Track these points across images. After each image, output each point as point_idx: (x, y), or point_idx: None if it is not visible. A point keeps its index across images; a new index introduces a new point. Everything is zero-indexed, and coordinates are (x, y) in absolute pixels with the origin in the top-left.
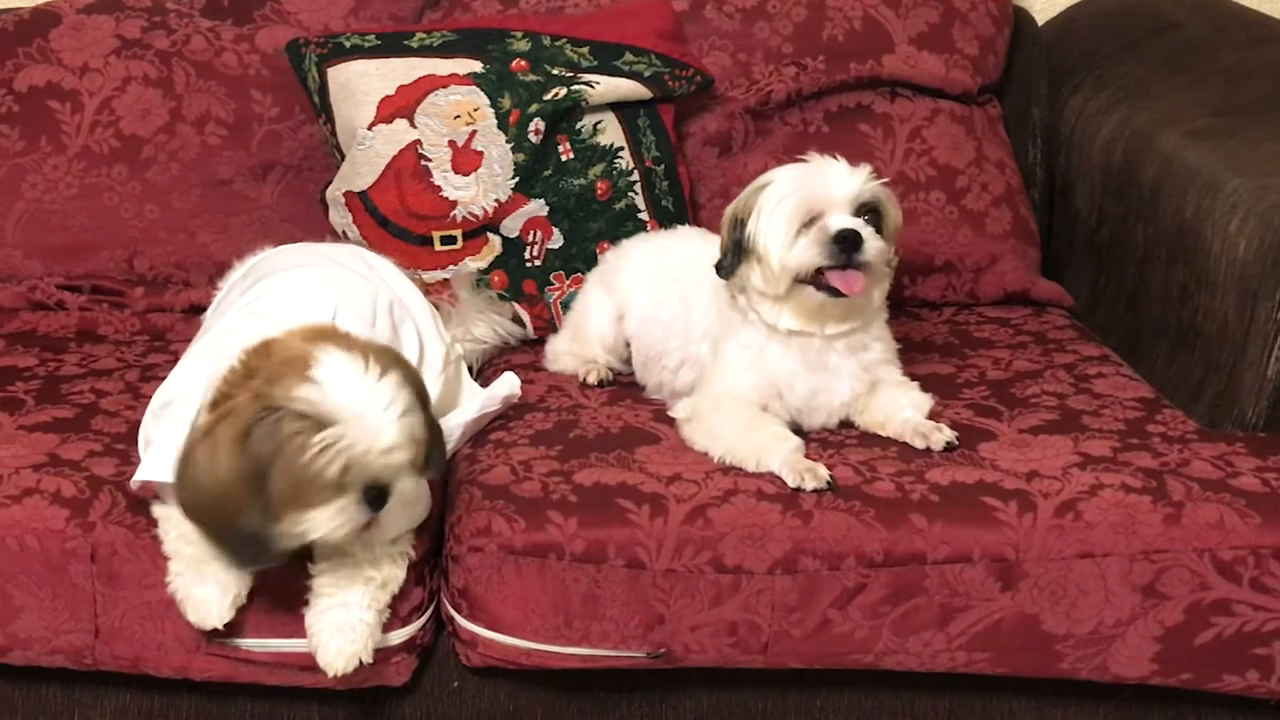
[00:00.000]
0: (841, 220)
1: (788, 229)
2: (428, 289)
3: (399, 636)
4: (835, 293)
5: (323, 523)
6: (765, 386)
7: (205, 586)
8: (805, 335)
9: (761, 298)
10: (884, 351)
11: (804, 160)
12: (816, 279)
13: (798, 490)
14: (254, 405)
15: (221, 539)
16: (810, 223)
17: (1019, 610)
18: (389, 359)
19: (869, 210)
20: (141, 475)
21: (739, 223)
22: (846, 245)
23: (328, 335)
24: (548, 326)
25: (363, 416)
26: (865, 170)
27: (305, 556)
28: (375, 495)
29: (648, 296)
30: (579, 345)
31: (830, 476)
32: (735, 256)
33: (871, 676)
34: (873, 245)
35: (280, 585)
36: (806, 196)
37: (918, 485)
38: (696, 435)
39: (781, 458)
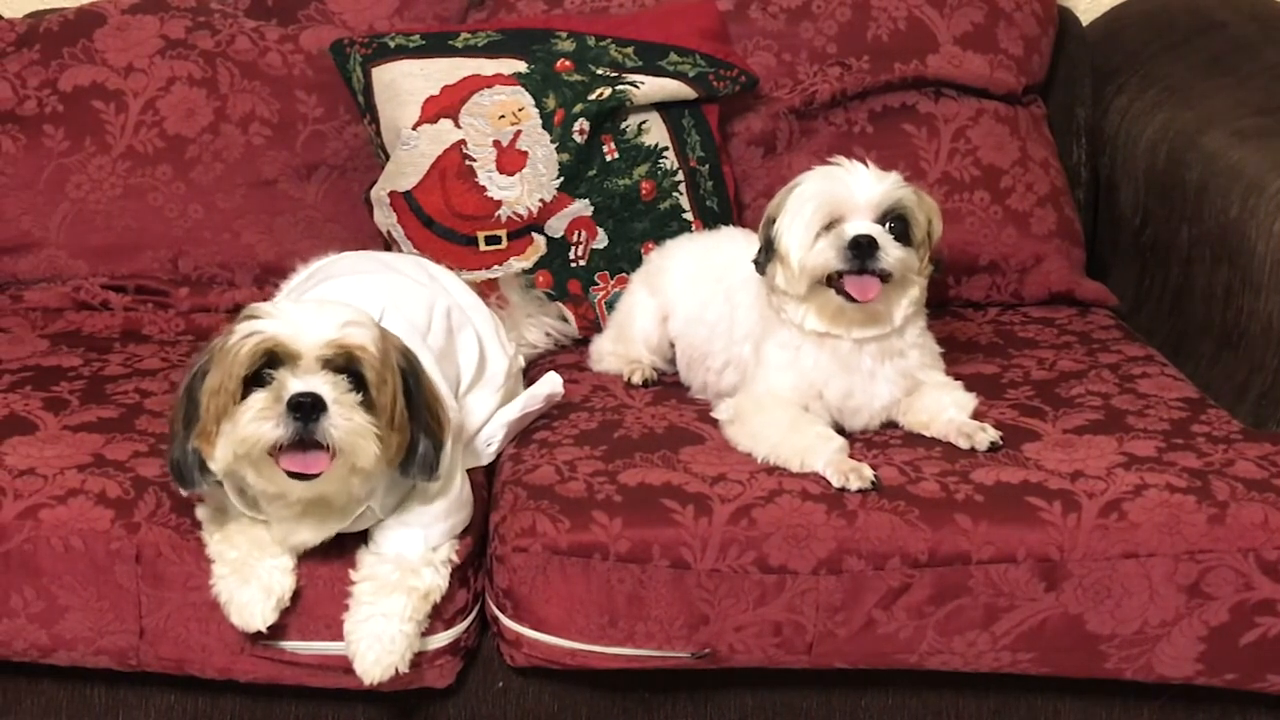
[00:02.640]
0: (859, 226)
1: (808, 231)
2: (477, 291)
3: (443, 639)
4: (851, 297)
5: (239, 425)
6: (804, 387)
7: (249, 589)
8: (833, 337)
9: (786, 297)
10: (922, 357)
11: (836, 164)
12: (835, 283)
13: (842, 490)
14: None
15: (171, 458)
16: (831, 226)
17: (1063, 610)
18: (384, 330)
19: (895, 217)
20: None
21: (770, 221)
22: (861, 251)
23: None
24: (592, 326)
25: (297, 314)
26: (892, 177)
27: (349, 562)
28: (304, 403)
29: (692, 297)
30: (623, 346)
31: (875, 476)
32: (766, 254)
33: (916, 677)
34: (892, 253)
35: (325, 588)
36: (828, 200)
37: (962, 485)
38: (740, 436)
39: (825, 458)
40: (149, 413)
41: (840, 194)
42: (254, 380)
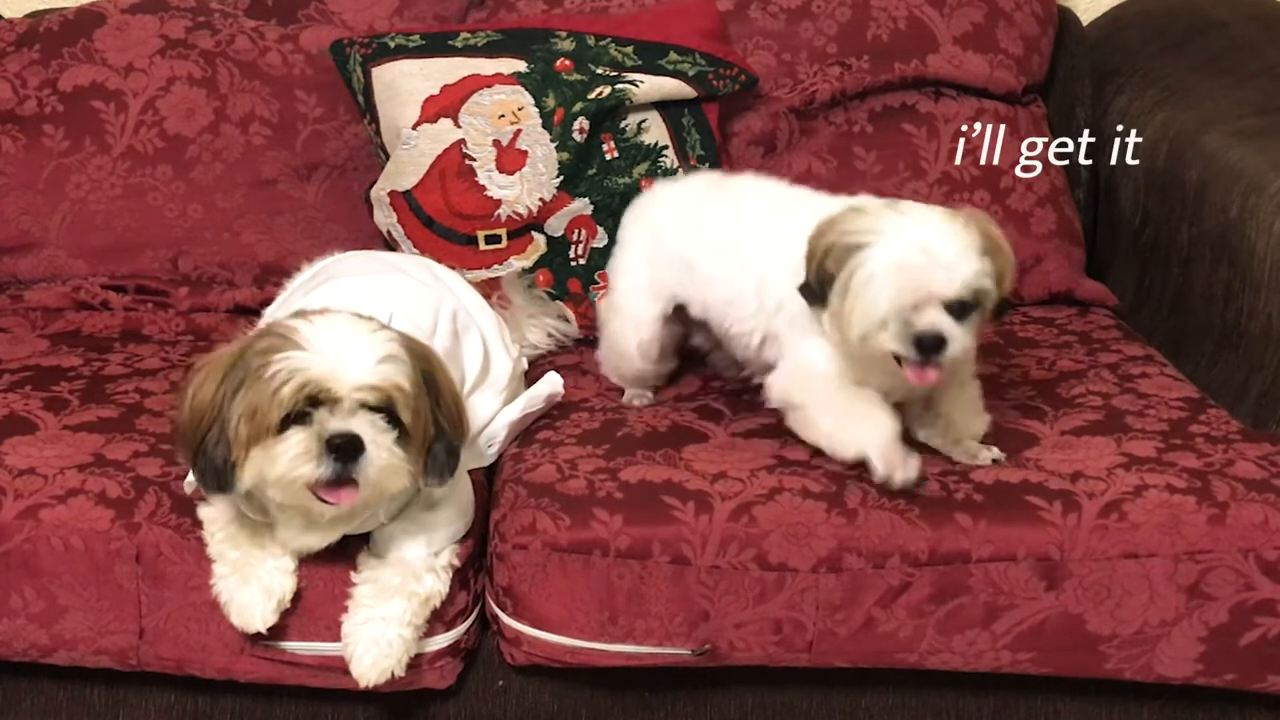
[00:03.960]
0: (931, 318)
1: (873, 310)
2: (479, 291)
3: (443, 640)
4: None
5: (277, 460)
6: (846, 372)
7: (249, 590)
8: None
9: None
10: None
11: (907, 218)
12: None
13: (884, 484)
14: (251, 337)
15: (193, 459)
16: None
17: (1063, 610)
18: (399, 333)
19: (971, 297)
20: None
21: (823, 267)
22: (928, 348)
23: (360, 314)
24: (593, 326)
25: (334, 348)
26: (973, 257)
27: (349, 563)
28: (343, 445)
29: (713, 276)
30: (621, 361)
31: (923, 472)
32: (815, 295)
33: (916, 676)
34: (958, 345)
35: (326, 589)
36: (903, 288)
37: (962, 485)
38: (797, 426)
39: (877, 446)
40: (149, 412)
41: (917, 285)
42: (293, 414)
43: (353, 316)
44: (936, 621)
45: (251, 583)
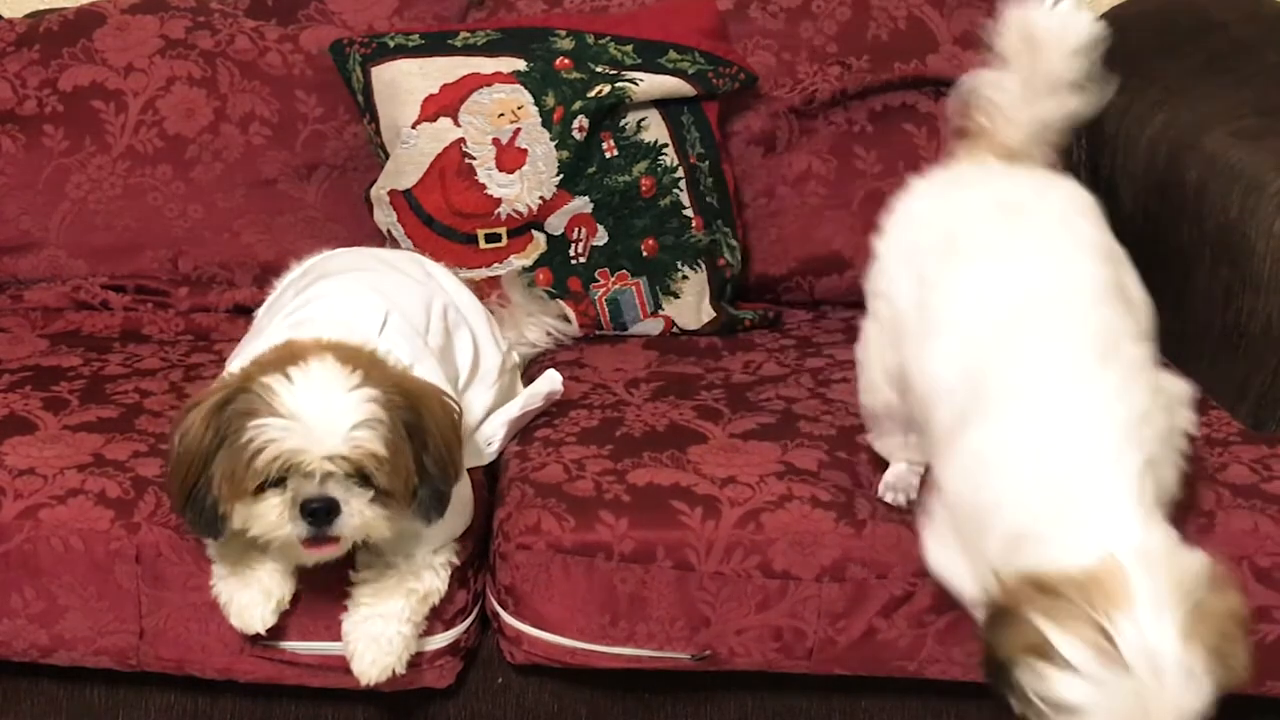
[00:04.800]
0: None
1: None
2: (478, 290)
3: (442, 640)
4: None
5: (259, 520)
6: None
7: (249, 591)
8: None
9: None
10: None
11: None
12: None
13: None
14: (237, 382)
15: (183, 504)
16: None
17: None
18: (387, 379)
19: None
20: None
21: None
22: None
23: (347, 348)
24: (593, 324)
25: (308, 415)
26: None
27: (348, 563)
28: (318, 509)
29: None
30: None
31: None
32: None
33: (916, 682)
34: None
35: (324, 589)
36: None
37: None
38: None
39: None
40: (149, 413)
41: None
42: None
43: (336, 366)
44: (936, 631)
45: (251, 584)
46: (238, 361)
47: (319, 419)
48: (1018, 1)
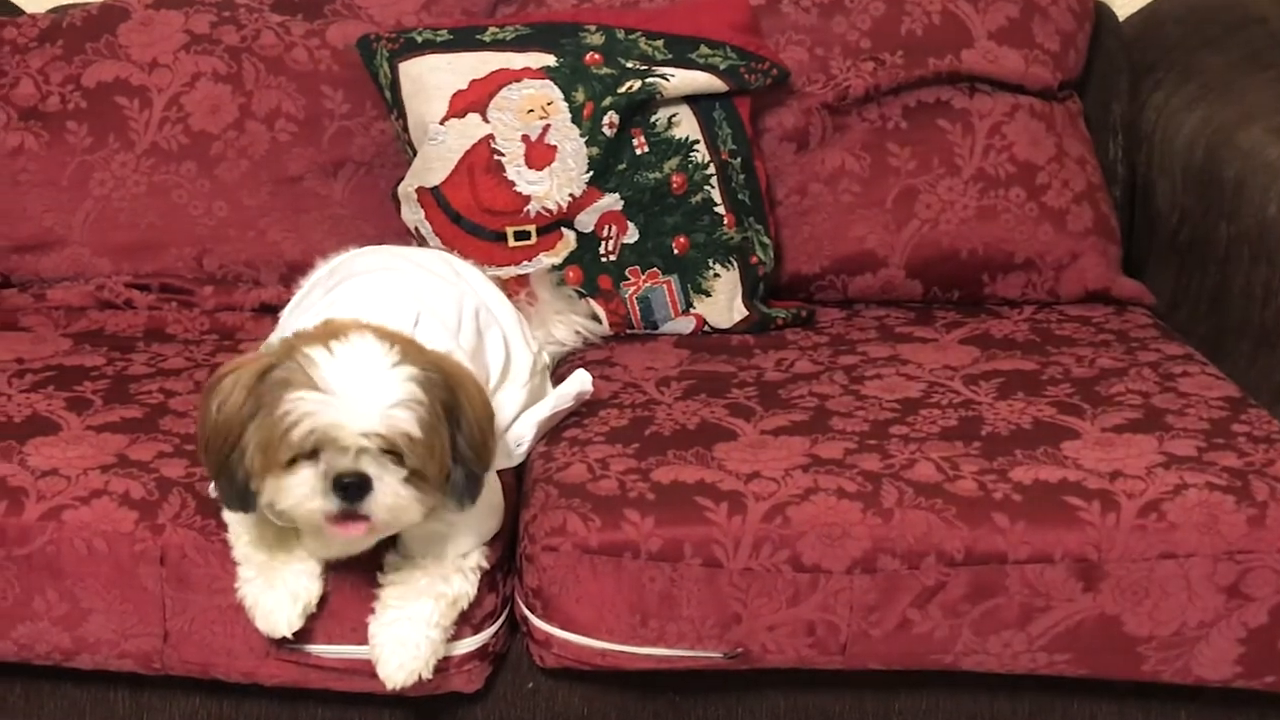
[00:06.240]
0: None
1: None
2: (507, 288)
3: (470, 644)
4: None
5: (288, 493)
6: None
7: (275, 594)
8: None
9: None
10: None
11: None
12: None
13: None
14: (279, 352)
15: (216, 476)
16: None
17: (1101, 611)
18: (425, 359)
19: None
20: None
21: None
22: None
23: (386, 329)
24: (623, 323)
25: (346, 390)
26: None
27: (376, 565)
28: (350, 484)
29: None
30: None
31: None
32: None
33: (950, 678)
34: None
35: (352, 592)
36: None
37: (1000, 484)
38: None
39: None
40: (173, 413)
41: None
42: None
43: (376, 343)
44: (972, 622)
45: (277, 586)
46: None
47: (357, 395)
48: None
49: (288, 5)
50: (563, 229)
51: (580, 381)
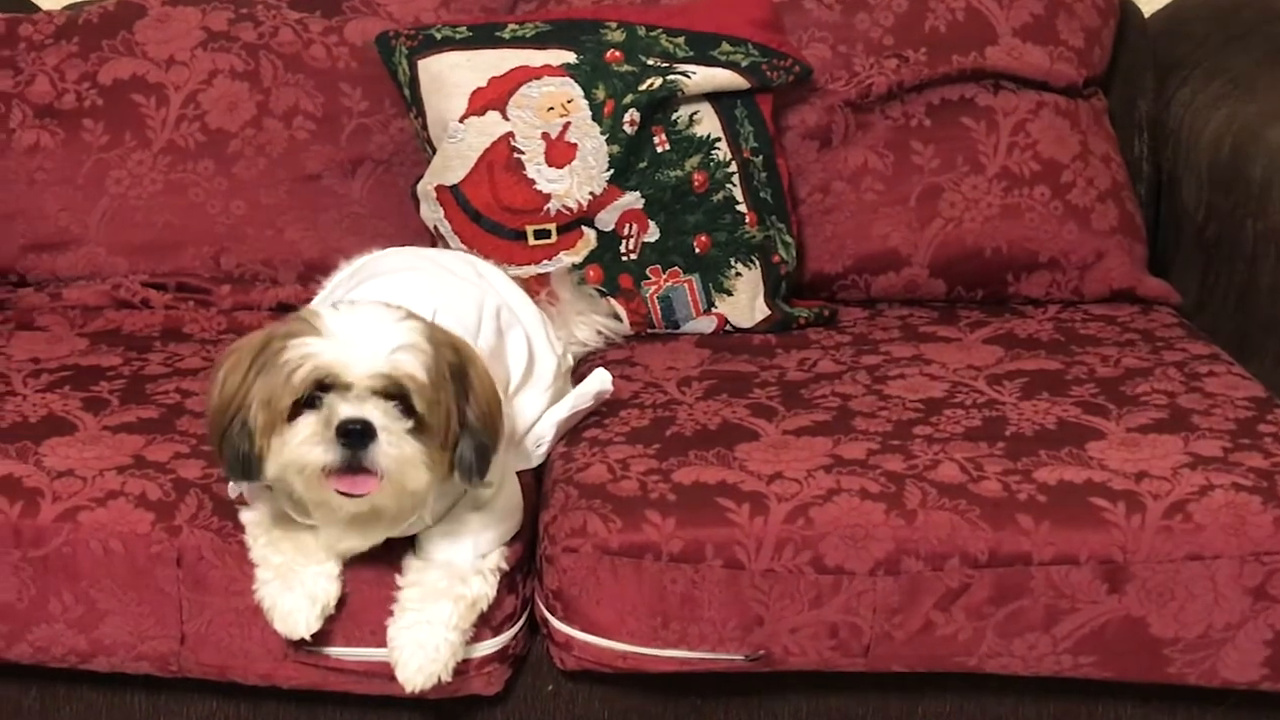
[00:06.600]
0: None
1: None
2: (527, 288)
3: (490, 646)
4: None
5: (290, 445)
6: None
7: (293, 595)
8: None
9: None
10: None
11: None
12: None
13: None
14: (283, 320)
15: (220, 445)
16: None
17: (1126, 613)
18: (434, 326)
19: None
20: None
21: None
22: None
23: (397, 306)
24: (644, 322)
25: (350, 335)
26: None
27: (395, 567)
28: (354, 430)
29: None
30: None
31: None
32: None
33: (974, 681)
34: None
35: (371, 594)
36: None
37: (1025, 485)
38: None
39: None
40: (190, 413)
41: None
42: (304, 399)
43: (384, 307)
44: (996, 624)
45: (295, 588)
46: None
47: (362, 338)
48: None
49: (306, 2)
50: (583, 227)
51: (600, 381)
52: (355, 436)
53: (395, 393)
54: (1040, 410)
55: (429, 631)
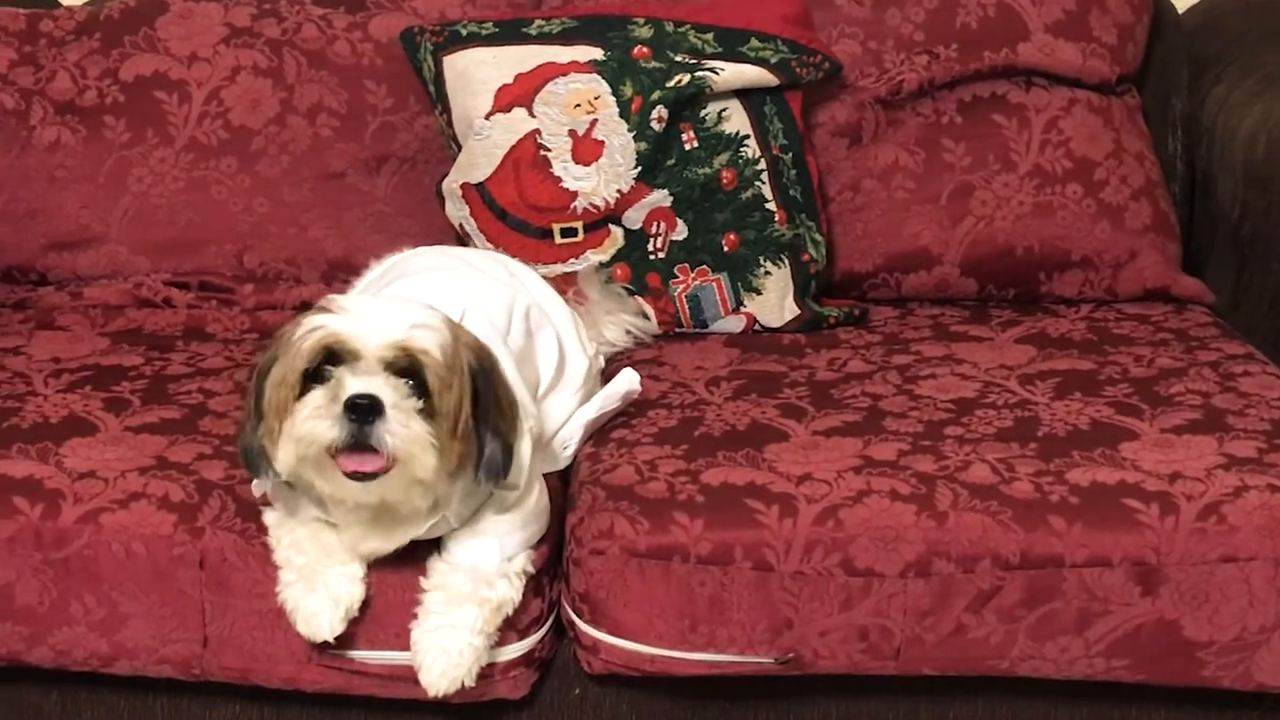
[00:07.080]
0: None
1: None
2: (554, 287)
3: (516, 650)
4: None
5: (298, 417)
6: None
7: (316, 597)
8: None
9: None
10: None
11: None
12: None
13: None
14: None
15: (237, 440)
16: None
17: (1159, 616)
18: (451, 321)
19: None
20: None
21: None
22: None
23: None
24: (672, 321)
25: (365, 311)
26: None
27: (419, 569)
28: (361, 406)
29: None
30: None
31: None
32: None
33: (1006, 685)
34: None
35: (395, 597)
36: None
37: (1057, 486)
38: None
39: None
40: (213, 413)
41: None
42: (315, 376)
43: (405, 299)
44: (1028, 627)
45: (319, 590)
46: None
47: (376, 314)
48: None
49: None
50: (610, 226)
51: (628, 381)
52: (363, 411)
53: (407, 368)
54: (1073, 410)
55: (453, 635)
